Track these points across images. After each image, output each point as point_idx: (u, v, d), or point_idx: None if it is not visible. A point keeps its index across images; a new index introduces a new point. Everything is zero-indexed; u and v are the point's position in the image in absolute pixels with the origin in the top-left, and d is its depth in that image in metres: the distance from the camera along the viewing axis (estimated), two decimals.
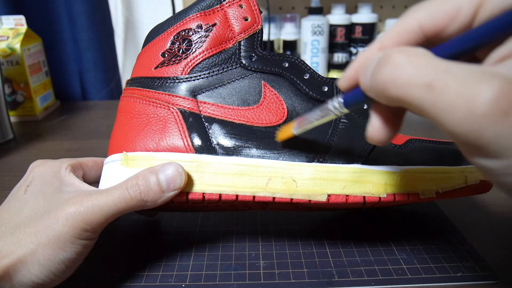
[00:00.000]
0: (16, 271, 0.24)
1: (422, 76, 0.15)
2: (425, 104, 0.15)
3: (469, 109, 0.14)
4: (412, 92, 0.15)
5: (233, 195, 0.27)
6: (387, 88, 0.16)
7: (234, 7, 0.30)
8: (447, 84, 0.15)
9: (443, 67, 0.15)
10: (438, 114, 0.15)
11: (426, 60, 0.16)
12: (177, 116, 0.29)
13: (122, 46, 0.85)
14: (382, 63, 0.17)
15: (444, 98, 0.15)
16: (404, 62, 0.16)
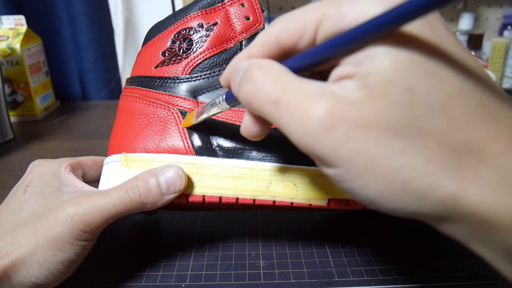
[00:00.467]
0: (15, 272, 0.24)
1: (271, 92, 0.17)
2: (274, 118, 0.17)
3: (303, 125, 0.16)
4: (265, 107, 0.18)
5: (233, 198, 0.27)
6: (249, 103, 0.18)
7: (235, 6, 0.30)
8: (287, 101, 0.17)
9: (287, 85, 0.17)
10: (284, 128, 0.17)
11: (277, 77, 0.18)
12: (177, 117, 0.29)
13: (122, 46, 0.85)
14: (244, 79, 0.19)
15: (286, 114, 0.17)
16: (260, 79, 0.18)
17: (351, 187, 0.17)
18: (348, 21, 0.17)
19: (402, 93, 0.16)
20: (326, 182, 0.28)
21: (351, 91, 0.16)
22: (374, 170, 0.16)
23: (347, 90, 0.16)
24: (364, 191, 0.16)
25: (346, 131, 0.16)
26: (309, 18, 0.18)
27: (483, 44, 0.79)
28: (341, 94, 0.16)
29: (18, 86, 0.63)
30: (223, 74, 0.22)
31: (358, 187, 0.17)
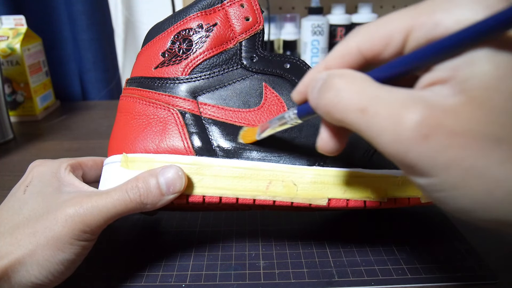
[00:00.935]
0: (14, 272, 0.24)
1: (358, 101, 0.17)
2: (361, 127, 0.17)
3: (395, 133, 0.16)
4: (350, 116, 0.17)
5: (233, 198, 0.27)
6: (330, 112, 0.18)
7: (235, 7, 0.30)
8: (377, 109, 0.16)
9: (375, 93, 0.17)
10: (372, 136, 0.17)
11: (362, 85, 0.17)
12: (177, 117, 0.29)
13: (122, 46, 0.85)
14: (325, 88, 0.18)
15: (375, 122, 0.16)
16: (343, 88, 0.17)
17: (445, 197, 0.16)
18: (444, 29, 0.16)
19: (505, 99, 0.15)
20: (326, 182, 0.28)
21: (446, 98, 0.16)
22: (474, 180, 0.15)
23: (440, 97, 0.16)
24: (459, 201, 0.16)
25: (443, 140, 0.15)
26: (395, 27, 0.18)
27: None
28: (435, 101, 0.16)
29: (18, 86, 0.63)
30: (297, 88, 0.22)
31: (453, 197, 0.16)
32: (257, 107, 0.29)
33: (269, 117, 0.29)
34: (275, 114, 0.29)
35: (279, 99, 0.29)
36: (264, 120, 0.29)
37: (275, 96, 0.29)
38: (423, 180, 0.16)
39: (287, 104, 0.29)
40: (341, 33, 0.78)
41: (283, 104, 0.29)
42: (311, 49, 0.77)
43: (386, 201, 0.28)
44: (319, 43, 0.76)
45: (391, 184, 0.28)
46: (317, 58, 0.77)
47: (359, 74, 0.18)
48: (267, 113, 0.29)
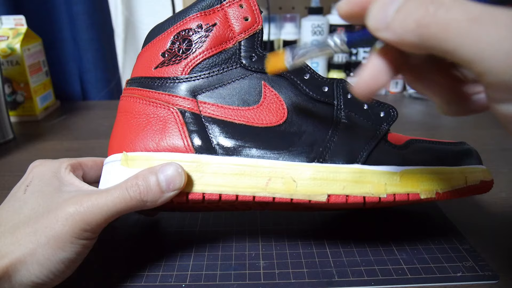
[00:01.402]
0: (15, 271, 0.24)
1: (467, 11, 0.15)
2: (466, 41, 0.15)
3: None
4: (453, 28, 0.15)
5: (233, 195, 0.27)
6: (417, 28, 0.16)
7: (234, 7, 0.30)
8: (495, 16, 0.14)
9: (485, 7, 0.15)
10: (478, 51, 0.14)
11: None
12: (177, 116, 0.29)
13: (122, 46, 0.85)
14: (405, 4, 0.16)
15: (491, 31, 0.14)
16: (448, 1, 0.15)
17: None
18: None
19: None
20: (325, 178, 0.28)
21: None
22: None
23: None
24: None
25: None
26: None
27: None
28: None
29: (18, 86, 0.63)
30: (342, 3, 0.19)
31: None
32: (256, 105, 0.29)
33: (268, 115, 0.29)
34: (274, 112, 0.29)
35: (278, 97, 0.30)
36: (264, 118, 0.29)
37: (274, 95, 0.30)
38: None
39: (286, 103, 0.30)
40: None
41: (282, 102, 0.29)
42: None
43: (385, 196, 0.28)
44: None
45: (391, 179, 0.28)
46: (317, 58, 0.77)
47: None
48: (266, 111, 0.29)
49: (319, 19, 0.75)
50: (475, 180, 0.30)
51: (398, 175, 0.29)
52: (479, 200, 0.38)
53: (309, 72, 0.30)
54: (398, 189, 0.28)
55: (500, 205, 0.38)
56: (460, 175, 0.30)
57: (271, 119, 0.29)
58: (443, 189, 0.29)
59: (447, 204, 0.38)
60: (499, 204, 0.38)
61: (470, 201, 0.38)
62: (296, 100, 0.30)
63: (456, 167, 0.30)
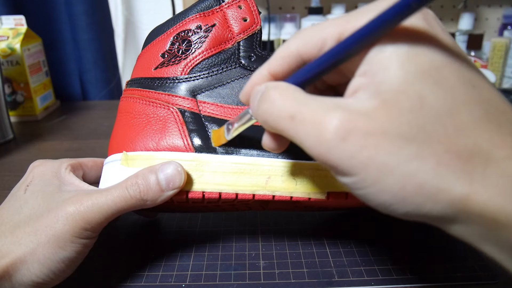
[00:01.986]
0: (16, 271, 0.24)
1: (288, 109, 0.18)
2: (290, 133, 0.18)
3: (318, 136, 0.17)
4: (281, 123, 0.19)
5: (233, 194, 0.27)
6: (266, 120, 0.20)
7: (233, 8, 0.30)
8: (303, 116, 0.18)
9: (303, 101, 0.18)
10: (300, 141, 0.18)
11: (293, 95, 0.19)
12: (176, 115, 0.29)
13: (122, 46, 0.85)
14: (262, 99, 0.20)
15: (301, 128, 0.18)
16: (276, 98, 0.19)
17: (367, 194, 0.17)
18: None
19: (412, 101, 0.17)
20: (325, 176, 0.28)
21: (364, 102, 0.17)
22: (388, 176, 0.16)
23: (359, 101, 0.17)
24: (378, 197, 0.17)
25: (358, 140, 0.16)
26: (328, 33, 0.20)
27: (483, 44, 0.79)
28: (354, 106, 0.17)
29: (18, 86, 0.63)
30: (244, 90, 0.23)
31: (373, 193, 0.17)
32: None
33: None
34: None
35: None
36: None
37: None
38: (347, 179, 0.18)
39: None
40: None
41: None
42: None
43: None
44: None
45: None
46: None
47: (293, 87, 0.20)
48: None
49: (319, 19, 0.75)
50: None
51: None
52: None
53: None
54: None
55: None
56: None
57: None
58: None
59: None
60: None
61: None
62: None
63: None
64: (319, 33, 0.20)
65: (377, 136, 0.16)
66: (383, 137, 0.16)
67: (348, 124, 0.17)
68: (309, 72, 0.20)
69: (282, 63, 0.21)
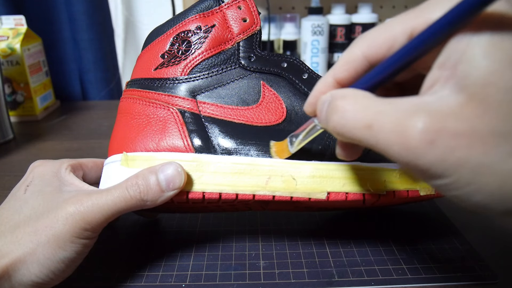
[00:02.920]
0: (15, 270, 0.24)
1: (363, 119, 0.17)
2: (370, 142, 0.17)
3: (402, 144, 0.16)
4: (357, 133, 0.18)
5: (233, 194, 0.27)
6: (339, 132, 0.19)
7: (232, 9, 0.30)
8: (382, 124, 0.17)
9: (378, 108, 0.17)
10: (382, 149, 0.17)
11: (365, 103, 0.18)
12: (176, 116, 0.29)
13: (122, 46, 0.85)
14: (331, 111, 0.19)
15: (382, 137, 0.17)
16: (347, 109, 0.18)
17: (461, 195, 0.17)
18: None
19: (503, 93, 0.15)
20: (325, 176, 0.28)
21: (447, 99, 0.16)
22: (484, 176, 0.16)
23: (442, 99, 0.16)
24: (474, 197, 0.16)
25: (448, 142, 0.16)
26: (398, 31, 0.19)
27: None
28: (437, 105, 0.16)
29: (18, 86, 0.63)
30: (308, 100, 0.23)
31: (467, 194, 0.16)
32: (255, 104, 0.29)
33: (267, 114, 0.29)
34: (273, 111, 0.29)
35: (277, 96, 0.30)
36: (263, 117, 0.29)
37: (273, 94, 0.30)
38: (439, 181, 0.17)
39: (285, 102, 0.30)
40: (341, 33, 0.78)
41: (281, 102, 0.30)
42: (311, 49, 0.77)
43: (385, 194, 0.28)
44: (319, 43, 0.76)
45: (390, 177, 0.28)
46: (317, 58, 0.77)
47: (361, 92, 0.19)
48: (265, 110, 0.29)
49: (319, 19, 0.75)
50: None
51: (398, 172, 0.29)
52: None
53: (308, 72, 0.30)
54: (397, 186, 0.29)
55: None
56: None
57: (270, 118, 0.29)
58: None
59: (447, 204, 0.38)
60: None
61: None
62: (295, 99, 0.30)
63: None
64: (386, 33, 0.19)
65: (468, 136, 0.15)
66: (475, 136, 0.15)
67: (435, 126, 0.16)
68: (380, 73, 0.19)
69: (348, 68, 0.21)
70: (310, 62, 0.77)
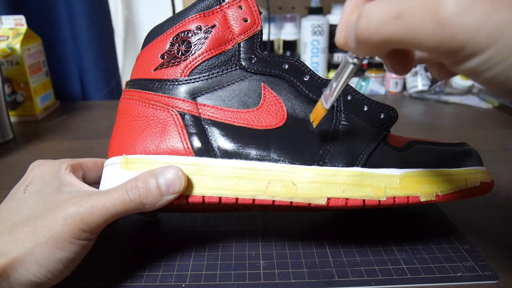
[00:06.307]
0: (14, 270, 0.24)
1: (389, 12, 0.17)
2: (401, 34, 0.16)
3: (436, 20, 0.15)
4: (387, 30, 0.17)
5: (233, 198, 0.27)
6: (369, 38, 0.18)
7: (233, 8, 0.30)
8: (410, 7, 0.16)
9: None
10: (415, 38, 0.16)
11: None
12: (176, 118, 0.29)
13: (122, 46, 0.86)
14: (358, 20, 0.18)
15: (413, 20, 0.16)
16: (373, 8, 0.17)
17: (502, 71, 0.15)
18: None
19: None
20: (325, 181, 0.28)
21: None
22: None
23: None
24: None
25: (486, 6, 0.15)
26: None
27: None
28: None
29: (18, 86, 0.63)
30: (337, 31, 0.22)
31: (506, 70, 0.15)
32: (256, 107, 0.29)
33: (268, 117, 0.29)
34: (273, 114, 0.29)
35: (278, 99, 0.29)
36: (263, 120, 0.29)
37: (274, 97, 0.29)
38: (479, 58, 0.16)
39: (286, 104, 0.29)
40: None
41: (282, 105, 0.29)
42: (311, 49, 0.77)
43: (385, 199, 0.28)
44: (319, 43, 0.76)
45: (390, 182, 0.28)
46: (317, 58, 0.77)
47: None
48: (265, 113, 0.29)
49: (319, 19, 0.75)
50: (475, 181, 0.30)
51: (398, 178, 0.28)
52: (479, 200, 0.38)
53: (309, 74, 0.30)
54: (397, 192, 0.28)
55: (500, 205, 0.38)
56: (460, 177, 0.30)
57: (271, 121, 0.29)
58: (443, 192, 0.29)
59: (447, 204, 0.38)
60: (499, 204, 0.38)
61: (470, 201, 0.38)
62: (296, 102, 0.30)
63: (456, 169, 0.30)
64: None
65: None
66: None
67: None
68: None
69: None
70: (310, 62, 0.77)
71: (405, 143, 0.31)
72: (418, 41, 0.16)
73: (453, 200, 0.30)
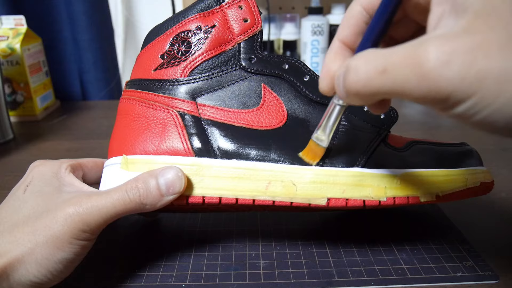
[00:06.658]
0: (13, 270, 0.24)
1: (375, 67, 0.17)
2: (388, 86, 0.17)
3: (419, 73, 0.16)
4: (374, 83, 0.18)
5: (233, 199, 0.27)
6: (358, 92, 0.18)
7: (233, 8, 0.30)
8: (395, 63, 0.17)
9: (387, 53, 0.17)
10: (402, 90, 0.17)
11: (373, 54, 0.18)
12: (176, 119, 0.29)
13: (122, 46, 0.86)
14: (346, 75, 0.19)
15: (398, 74, 0.17)
16: (358, 64, 0.18)
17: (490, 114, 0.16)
18: None
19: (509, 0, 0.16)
20: (325, 182, 0.28)
21: (453, 25, 0.16)
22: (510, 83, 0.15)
23: (449, 26, 0.17)
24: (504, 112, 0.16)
25: (465, 57, 0.15)
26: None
27: None
28: (445, 31, 0.16)
29: (18, 86, 0.63)
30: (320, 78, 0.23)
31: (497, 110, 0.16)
32: (256, 107, 0.29)
33: (268, 118, 0.29)
34: (274, 114, 0.29)
35: (278, 99, 0.29)
36: (263, 120, 0.29)
37: (274, 97, 0.29)
38: (463, 106, 0.16)
39: (286, 105, 0.29)
40: None
41: (282, 105, 0.29)
42: (311, 49, 0.77)
43: (385, 200, 0.28)
44: (319, 43, 0.76)
45: (391, 183, 0.28)
46: (317, 58, 0.77)
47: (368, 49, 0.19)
48: (265, 113, 0.29)
49: (319, 19, 0.75)
50: (475, 181, 0.30)
51: (398, 178, 0.28)
52: (479, 200, 0.38)
53: (309, 74, 0.30)
54: (398, 193, 0.28)
55: (500, 205, 0.38)
56: (460, 177, 0.30)
57: (271, 121, 0.29)
58: (443, 192, 0.29)
59: (447, 204, 0.38)
60: (499, 204, 0.38)
61: (470, 201, 0.38)
62: (296, 102, 0.30)
63: (456, 169, 0.30)
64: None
65: (484, 46, 0.15)
66: (492, 45, 0.15)
67: (447, 47, 0.16)
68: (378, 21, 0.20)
69: (349, 25, 0.22)
70: (310, 62, 0.77)
71: (405, 144, 0.31)
72: (406, 93, 0.17)
73: (453, 200, 0.30)
